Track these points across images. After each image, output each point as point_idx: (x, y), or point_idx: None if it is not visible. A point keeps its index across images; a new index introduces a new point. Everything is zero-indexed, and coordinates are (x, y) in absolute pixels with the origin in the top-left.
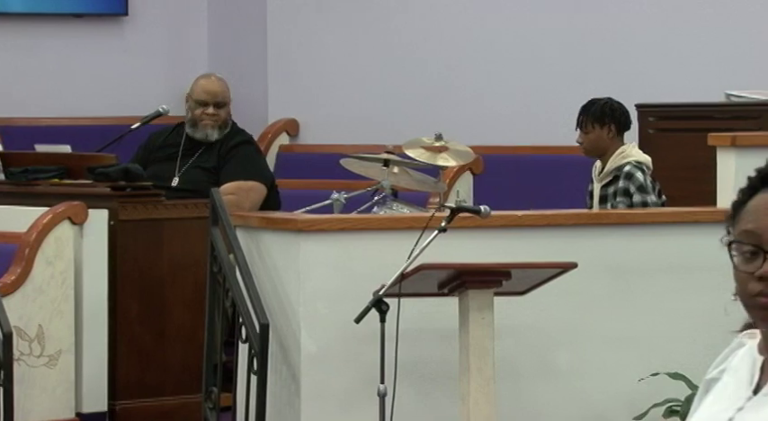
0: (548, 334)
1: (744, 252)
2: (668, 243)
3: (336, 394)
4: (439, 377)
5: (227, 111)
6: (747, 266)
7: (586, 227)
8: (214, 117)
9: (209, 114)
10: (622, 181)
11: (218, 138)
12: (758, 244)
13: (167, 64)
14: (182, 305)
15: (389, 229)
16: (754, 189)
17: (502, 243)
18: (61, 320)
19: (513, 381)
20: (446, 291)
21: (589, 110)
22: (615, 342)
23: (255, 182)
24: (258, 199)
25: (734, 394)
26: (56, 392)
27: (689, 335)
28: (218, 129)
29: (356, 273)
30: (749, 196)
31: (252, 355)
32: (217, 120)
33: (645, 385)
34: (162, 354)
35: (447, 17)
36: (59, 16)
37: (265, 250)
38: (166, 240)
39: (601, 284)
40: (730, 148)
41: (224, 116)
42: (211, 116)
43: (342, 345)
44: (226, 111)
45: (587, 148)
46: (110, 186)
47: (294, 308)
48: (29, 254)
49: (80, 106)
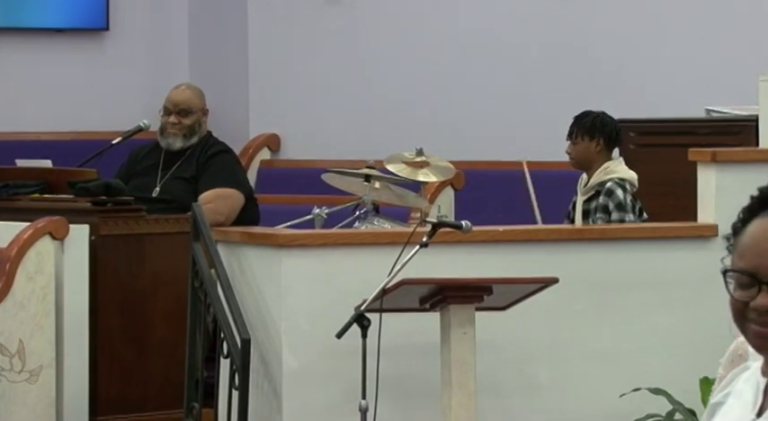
0: (529, 349)
1: (740, 282)
2: (649, 258)
3: (318, 410)
4: (421, 392)
5: (192, 119)
6: (742, 294)
7: (567, 242)
8: (176, 125)
9: (171, 123)
10: (602, 197)
11: (182, 146)
12: (754, 274)
13: (148, 78)
14: (163, 320)
15: (371, 244)
16: (752, 212)
17: (483, 258)
18: (42, 336)
19: (494, 396)
20: (428, 306)
21: (581, 121)
22: (597, 357)
23: (233, 189)
24: (236, 206)
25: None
26: (36, 408)
27: (670, 351)
28: (182, 138)
29: (338, 289)
30: (748, 218)
31: (233, 371)
32: (180, 128)
33: (626, 400)
34: (143, 370)
35: (428, 33)
36: (40, 31)
37: (247, 265)
38: (148, 255)
39: (582, 299)
40: (711, 164)
41: (187, 124)
42: (173, 125)
43: (323, 361)
44: (191, 120)
45: (575, 159)
46: (91, 201)
47: (276, 323)
48: (9, 269)
49: (61, 121)
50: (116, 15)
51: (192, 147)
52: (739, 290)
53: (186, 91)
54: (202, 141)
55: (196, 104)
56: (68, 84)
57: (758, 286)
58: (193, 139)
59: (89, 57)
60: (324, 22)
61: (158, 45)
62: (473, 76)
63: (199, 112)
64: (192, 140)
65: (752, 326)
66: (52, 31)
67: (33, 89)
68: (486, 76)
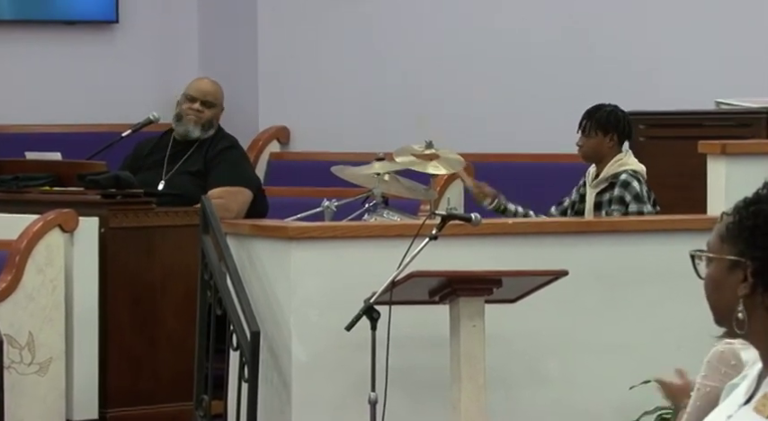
0: (539, 341)
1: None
2: (659, 250)
3: (327, 401)
4: (430, 385)
5: (213, 112)
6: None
7: (577, 234)
8: (199, 113)
9: (194, 109)
10: (618, 189)
11: (199, 136)
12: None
13: (158, 71)
14: (173, 312)
15: (380, 237)
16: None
17: (492, 251)
18: (52, 328)
19: (504, 389)
20: (437, 298)
21: (594, 115)
22: (606, 350)
23: (242, 186)
24: (245, 202)
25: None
26: (46, 400)
27: (679, 343)
28: (201, 128)
29: (347, 281)
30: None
31: (243, 363)
32: (201, 116)
33: (636, 393)
34: (153, 362)
35: (437, 27)
36: (50, 23)
37: (256, 258)
38: (157, 248)
39: (591, 292)
40: (720, 156)
41: (208, 116)
42: (196, 111)
43: (333, 353)
44: (212, 113)
45: (586, 152)
46: (100, 194)
47: (285, 315)
48: (19, 261)
49: (70, 114)
50: (125, 8)
51: (200, 141)
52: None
53: (214, 84)
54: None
55: (219, 100)
56: (78, 76)
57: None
58: (209, 132)
59: (99, 49)
60: (333, 15)
61: (168, 38)
62: (482, 70)
63: (219, 107)
64: (208, 133)
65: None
66: (62, 23)
67: (43, 81)
68: (494, 69)
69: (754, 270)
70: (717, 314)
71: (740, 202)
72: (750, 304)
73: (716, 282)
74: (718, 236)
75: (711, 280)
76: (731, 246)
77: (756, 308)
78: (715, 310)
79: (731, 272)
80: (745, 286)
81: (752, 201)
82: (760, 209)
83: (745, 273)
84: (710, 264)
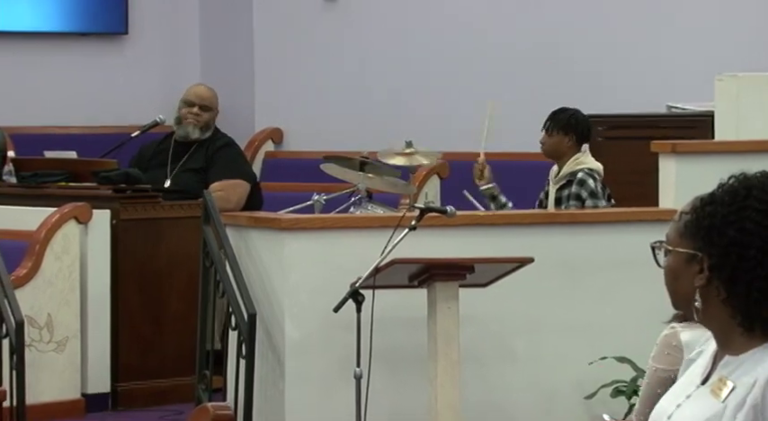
0: (507, 322)
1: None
2: (615, 240)
3: (317, 377)
4: (409, 361)
5: (210, 115)
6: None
7: (542, 225)
8: (197, 116)
9: (192, 113)
10: (575, 186)
11: (198, 137)
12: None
13: (163, 78)
14: (177, 296)
15: (365, 228)
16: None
17: (466, 240)
18: (68, 310)
19: (476, 365)
20: (416, 283)
21: (557, 116)
22: (568, 330)
23: (240, 179)
24: (244, 193)
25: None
26: (63, 375)
27: (634, 323)
28: (199, 130)
29: (335, 267)
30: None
31: (240, 342)
32: (199, 119)
33: (594, 368)
34: (159, 341)
35: (417, 35)
36: (66, 35)
37: (253, 247)
38: (164, 237)
39: (555, 277)
40: (671, 155)
41: (206, 118)
42: (195, 115)
43: (322, 332)
44: (209, 116)
45: (547, 150)
46: (112, 189)
47: (279, 299)
48: (39, 249)
49: (85, 116)
50: (134, 21)
51: (200, 141)
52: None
53: (210, 90)
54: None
55: (215, 104)
56: (91, 83)
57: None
58: (207, 133)
59: (109, 58)
60: (321, 24)
61: (172, 47)
62: (458, 75)
63: (215, 111)
64: (206, 134)
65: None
66: (77, 34)
67: (59, 87)
68: (468, 75)
69: (710, 264)
70: (675, 300)
71: (697, 202)
72: (705, 293)
73: (675, 272)
74: (677, 231)
75: (671, 270)
76: (689, 241)
77: (711, 297)
78: (674, 296)
79: (689, 264)
80: (702, 278)
81: (708, 201)
82: (715, 210)
83: (702, 266)
84: (669, 256)
